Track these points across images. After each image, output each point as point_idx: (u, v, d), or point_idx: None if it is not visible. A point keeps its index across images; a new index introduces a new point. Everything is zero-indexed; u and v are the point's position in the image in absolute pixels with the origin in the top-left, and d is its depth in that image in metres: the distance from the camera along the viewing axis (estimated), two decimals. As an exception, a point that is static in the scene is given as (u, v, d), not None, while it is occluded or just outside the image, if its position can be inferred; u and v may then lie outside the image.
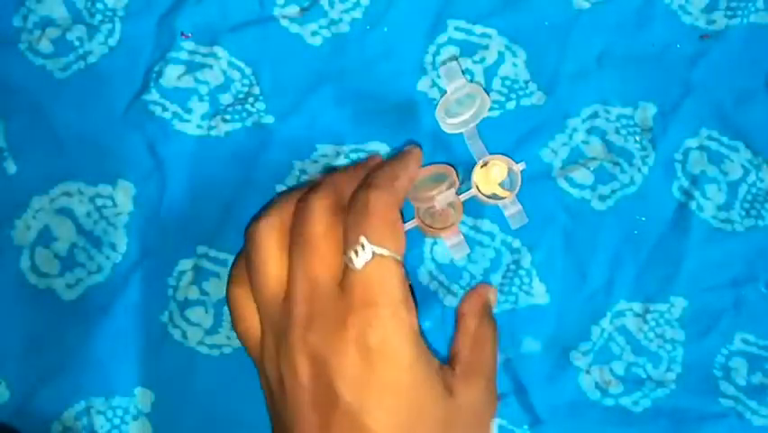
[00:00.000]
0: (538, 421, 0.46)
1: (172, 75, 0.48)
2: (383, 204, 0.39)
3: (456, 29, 0.49)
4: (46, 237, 0.47)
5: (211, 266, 0.47)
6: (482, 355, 0.44)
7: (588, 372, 0.47)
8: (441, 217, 0.47)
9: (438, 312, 0.47)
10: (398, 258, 0.39)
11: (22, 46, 0.49)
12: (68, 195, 0.48)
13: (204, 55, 0.49)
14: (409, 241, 0.47)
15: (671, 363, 0.46)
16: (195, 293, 0.47)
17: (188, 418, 0.46)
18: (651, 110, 0.49)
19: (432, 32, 0.49)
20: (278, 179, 0.48)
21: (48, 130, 0.48)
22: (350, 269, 0.38)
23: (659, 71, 0.49)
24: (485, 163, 0.47)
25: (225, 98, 0.49)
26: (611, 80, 0.49)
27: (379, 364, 0.37)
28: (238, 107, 0.48)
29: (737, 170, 0.48)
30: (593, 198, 0.48)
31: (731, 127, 0.48)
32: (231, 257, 0.47)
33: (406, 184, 0.43)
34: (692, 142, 0.48)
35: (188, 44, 0.49)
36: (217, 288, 0.47)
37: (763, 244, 0.47)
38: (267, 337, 0.40)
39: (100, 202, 0.48)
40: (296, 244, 0.39)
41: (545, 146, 0.48)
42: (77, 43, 0.49)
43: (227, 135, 0.48)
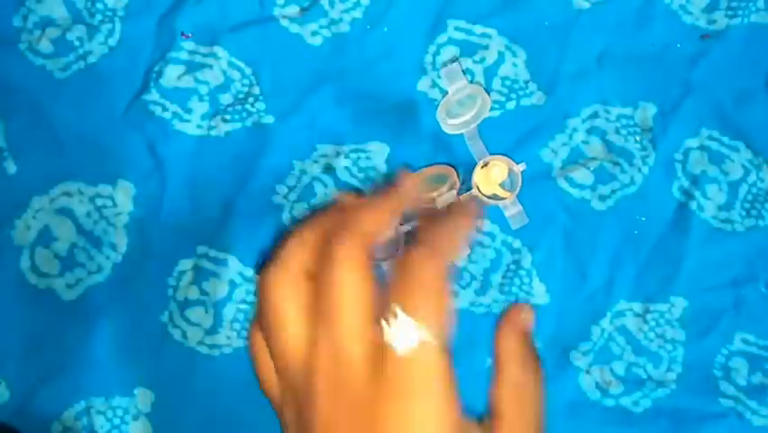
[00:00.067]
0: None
1: (172, 75, 0.48)
2: (432, 269, 0.33)
3: (456, 29, 0.49)
4: (46, 237, 0.47)
5: (211, 266, 0.47)
6: (529, 408, 0.37)
7: (588, 372, 0.47)
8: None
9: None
10: (444, 343, 0.32)
11: (22, 46, 0.49)
12: (68, 195, 0.48)
13: (204, 55, 0.49)
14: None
15: (671, 363, 0.46)
16: (195, 293, 0.47)
17: (188, 418, 0.46)
18: (651, 110, 0.49)
19: (432, 32, 0.49)
20: (278, 179, 0.48)
21: (48, 130, 0.48)
22: (385, 347, 0.32)
23: (659, 71, 0.49)
24: (485, 164, 0.47)
25: (225, 98, 0.49)
26: (611, 80, 0.49)
27: None
28: (238, 107, 0.48)
29: (738, 170, 0.48)
30: (593, 198, 0.48)
31: (731, 127, 0.48)
32: (231, 257, 0.47)
33: (458, 245, 0.36)
34: (693, 142, 0.48)
35: (188, 44, 0.49)
36: (217, 288, 0.47)
37: (764, 244, 0.47)
38: (288, 408, 0.35)
39: (100, 202, 0.48)
40: (319, 307, 0.33)
41: (545, 146, 0.48)
42: (77, 43, 0.49)
43: (227, 135, 0.48)
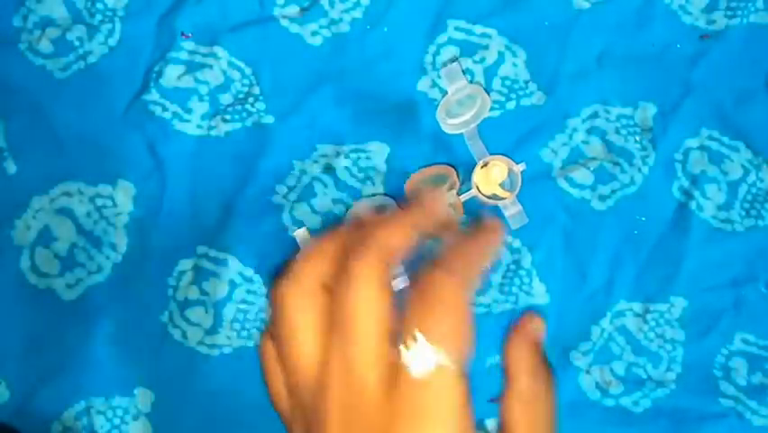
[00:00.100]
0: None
1: (172, 75, 0.48)
2: (453, 294, 0.32)
3: (456, 29, 0.49)
4: (46, 237, 0.47)
5: (211, 266, 0.47)
6: (541, 419, 0.35)
7: (588, 372, 0.47)
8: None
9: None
10: (462, 369, 0.31)
11: (22, 46, 0.49)
12: (68, 195, 0.48)
13: (204, 55, 0.49)
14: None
15: (671, 363, 0.46)
16: (195, 293, 0.47)
17: (188, 418, 0.46)
18: (651, 110, 0.49)
19: (432, 32, 0.49)
20: (278, 179, 0.48)
21: (48, 130, 0.48)
22: (400, 369, 0.31)
23: (659, 71, 0.49)
24: (485, 164, 0.47)
25: (225, 98, 0.49)
26: (611, 80, 0.49)
27: None
28: (238, 107, 0.48)
29: (737, 169, 0.48)
30: (593, 198, 0.48)
31: (731, 127, 0.48)
32: (231, 257, 0.47)
33: (479, 271, 0.34)
34: (692, 142, 0.48)
35: (188, 44, 0.49)
36: (217, 288, 0.47)
37: (764, 244, 0.47)
38: (297, 426, 0.34)
39: (100, 202, 0.48)
40: (333, 324, 0.32)
41: (545, 146, 0.48)
42: (77, 43, 0.49)
43: (227, 135, 0.48)
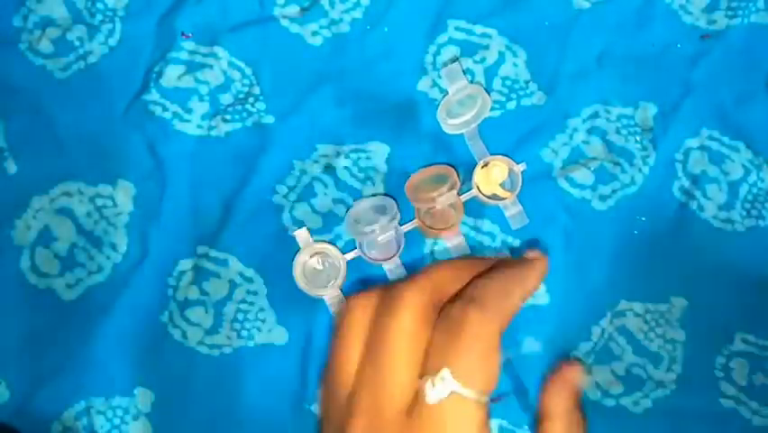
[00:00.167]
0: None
1: (172, 75, 0.48)
2: (484, 331, 0.32)
3: (456, 29, 0.49)
4: (46, 237, 0.47)
5: (211, 266, 0.47)
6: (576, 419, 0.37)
7: (588, 372, 0.47)
8: (441, 218, 0.47)
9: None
10: (483, 400, 0.32)
11: (22, 46, 0.49)
12: (68, 195, 0.48)
13: (204, 55, 0.49)
14: (409, 241, 0.47)
15: (671, 363, 0.46)
16: (195, 293, 0.47)
17: (188, 418, 0.46)
18: (651, 110, 0.49)
19: (432, 31, 0.49)
20: (278, 179, 0.48)
21: (48, 130, 0.48)
22: (421, 396, 0.32)
23: (659, 71, 0.49)
24: (486, 164, 0.47)
25: (225, 98, 0.49)
26: (611, 80, 0.49)
27: None
28: (238, 107, 0.48)
29: (738, 169, 0.48)
30: (593, 198, 0.48)
31: (732, 127, 0.48)
32: (231, 257, 0.47)
33: (517, 304, 0.35)
34: (693, 142, 0.48)
35: (188, 44, 0.49)
36: (217, 288, 0.47)
37: (764, 244, 0.47)
38: (327, 423, 0.35)
39: (100, 202, 0.48)
40: (372, 342, 0.34)
41: (546, 146, 0.48)
42: (77, 43, 0.49)
43: (227, 135, 0.48)
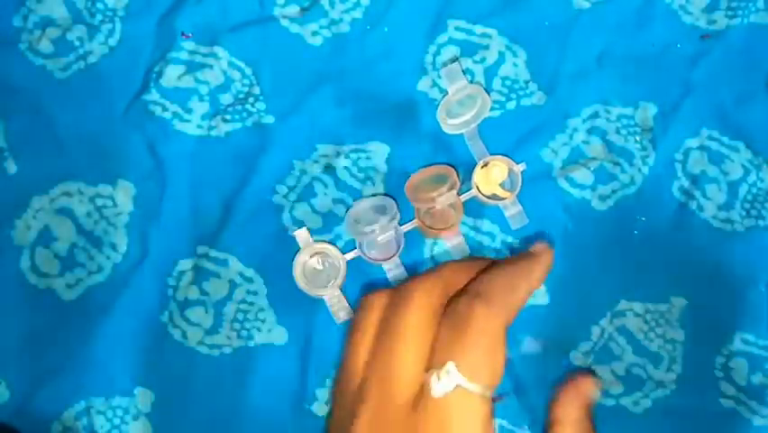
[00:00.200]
0: (538, 421, 0.46)
1: (172, 75, 0.48)
2: (489, 325, 0.33)
3: (456, 29, 0.49)
4: (46, 237, 0.47)
5: (211, 266, 0.47)
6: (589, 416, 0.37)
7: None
8: (441, 218, 0.47)
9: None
10: (488, 394, 0.32)
11: (22, 46, 0.49)
12: (68, 195, 0.48)
13: (204, 55, 0.49)
14: (409, 241, 0.47)
15: (671, 363, 0.46)
16: (195, 293, 0.47)
17: (188, 418, 0.46)
18: (651, 110, 0.49)
19: (432, 32, 0.49)
20: (278, 179, 0.48)
21: (48, 130, 0.48)
22: (427, 390, 0.32)
23: (659, 71, 0.49)
24: (485, 164, 0.47)
25: (225, 98, 0.49)
26: (611, 80, 0.49)
27: None
28: (238, 107, 0.48)
29: (738, 170, 0.48)
30: (593, 198, 0.48)
31: (731, 127, 0.48)
32: (231, 257, 0.47)
33: (523, 298, 0.35)
34: (693, 142, 0.48)
35: (188, 44, 0.49)
36: (217, 288, 0.47)
37: (764, 244, 0.47)
38: (337, 408, 0.35)
39: (100, 202, 0.48)
40: (382, 335, 0.34)
41: (546, 146, 0.48)
42: (77, 43, 0.49)
43: (227, 135, 0.48)
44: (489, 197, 0.47)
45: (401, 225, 0.47)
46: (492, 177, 0.47)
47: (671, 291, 0.47)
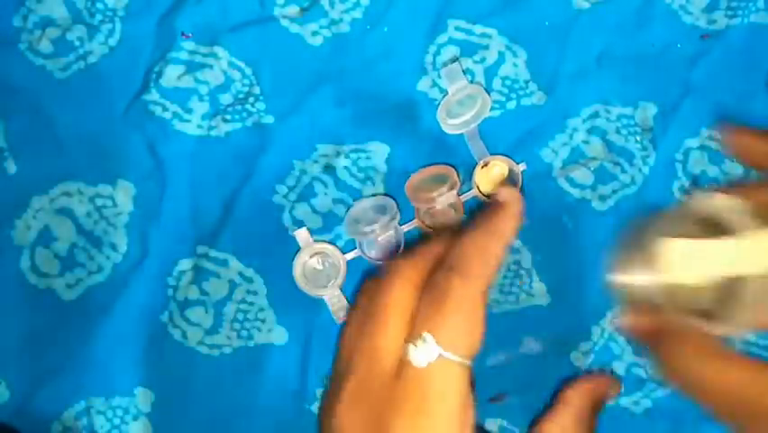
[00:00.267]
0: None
1: (172, 75, 0.48)
2: (464, 296, 0.34)
3: (456, 29, 0.49)
4: (46, 237, 0.47)
5: (211, 266, 0.47)
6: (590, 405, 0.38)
7: (588, 372, 0.47)
8: (441, 218, 0.47)
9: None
10: (467, 362, 0.33)
11: (22, 46, 0.49)
12: (68, 195, 0.48)
13: (204, 55, 0.49)
14: (409, 241, 0.47)
15: (671, 363, 0.46)
16: (195, 293, 0.47)
17: (188, 418, 0.46)
18: (651, 110, 0.49)
19: (432, 32, 0.49)
20: (278, 179, 0.48)
21: (48, 130, 0.48)
22: (407, 360, 0.33)
23: (659, 71, 0.49)
24: (485, 164, 0.47)
25: (225, 98, 0.49)
26: (611, 80, 0.49)
27: None
28: (238, 107, 0.48)
29: (738, 170, 0.48)
30: (593, 198, 0.48)
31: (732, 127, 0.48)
32: (231, 257, 0.47)
33: (499, 255, 0.36)
34: (693, 142, 0.48)
35: (188, 44, 0.49)
36: (217, 288, 0.47)
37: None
38: (333, 383, 0.37)
39: (100, 202, 0.48)
40: (367, 310, 0.36)
41: (546, 146, 0.48)
42: (77, 43, 0.49)
43: (227, 135, 0.48)
44: (489, 197, 0.47)
45: (401, 225, 0.47)
46: (492, 177, 0.47)
47: (671, 291, 0.47)
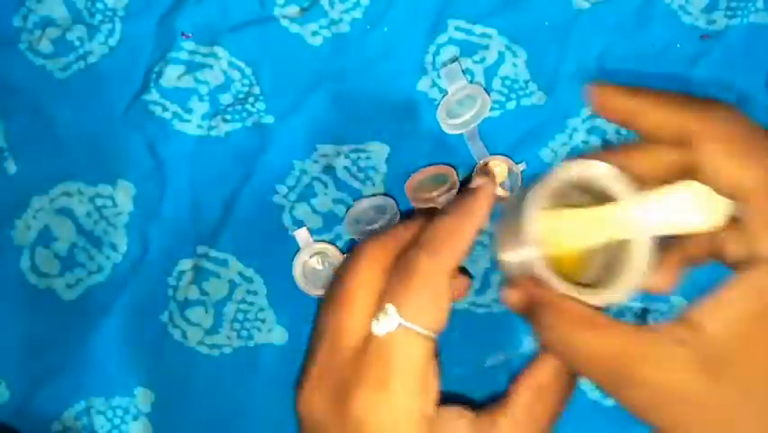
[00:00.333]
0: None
1: (172, 75, 0.48)
2: (431, 272, 0.34)
3: (456, 29, 0.49)
4: (46, 237, 0.47)
5: (211, 266, 0.47)
6: (542, 412, 0.37)
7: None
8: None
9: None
10: (431, 335, 0.34)
11: (22, 46, 0.49)
12: (68, 195, 0.48)
13: (204, 55, 0.49)
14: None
15: (671, 363, 0.46)
16: (195, 293, 0.47)
17: (188, 418, 0.46)
18: (651, 110, 0.49)
19: (432, 32, 0.49)
20: (278, 179, 0.48)
21: (48, 130, 0.48)
22: (371, 332, 0.34)
23: (659, 71, 0.49)
24: (485, 164, 0.47)
25: (225, 98, 0.49)
26: (611, 80, 0.49)
27: None
28: (238, 107, 0.48)
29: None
30: (593, 198, 0.48)
31: (731, 127, 0.48)
32: (231, 257, 0.47)
33: (469, 239, 0.36)
34: (692, 143, 0.48)
35: (188, 44, 0.49)
36: (217, 288, 0.47)
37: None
38: (308, 361, 0.37)
39: (100, 202, 0.48)
40: (334, 287, 0.37)
41: (545, 146, 0.48)
42: (77, 43, 0.49)
43: (227, 135, 0.48)
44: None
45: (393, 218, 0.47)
46: (492, 177, 0.47)
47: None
